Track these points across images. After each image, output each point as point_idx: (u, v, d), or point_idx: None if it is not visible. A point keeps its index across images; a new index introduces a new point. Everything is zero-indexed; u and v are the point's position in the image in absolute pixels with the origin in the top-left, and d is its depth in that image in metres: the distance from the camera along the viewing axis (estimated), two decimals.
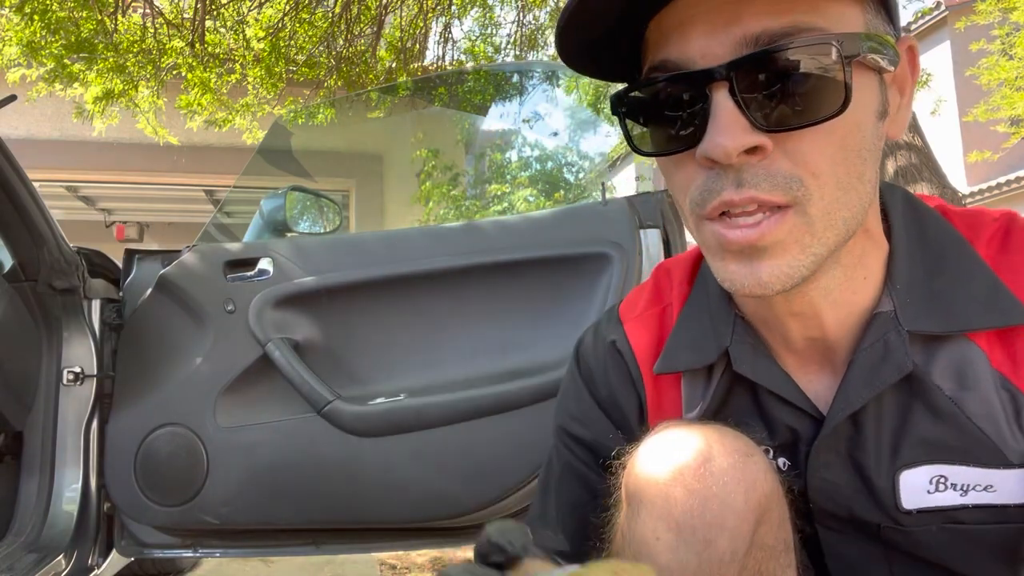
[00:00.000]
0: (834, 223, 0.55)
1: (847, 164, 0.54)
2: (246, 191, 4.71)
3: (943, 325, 0.59)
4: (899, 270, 0.62)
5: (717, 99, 0.52)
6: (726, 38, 0.52)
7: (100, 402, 1.67)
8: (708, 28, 0.53)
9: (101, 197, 7.59)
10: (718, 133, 0.52)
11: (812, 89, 0.51)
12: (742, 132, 0.52)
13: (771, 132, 0.52)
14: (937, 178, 3.79)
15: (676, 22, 0.55)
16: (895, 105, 0.59)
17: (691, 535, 0.57)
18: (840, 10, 0.53)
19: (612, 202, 1.63)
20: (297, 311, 1.62)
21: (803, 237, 0.54)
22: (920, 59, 0.63)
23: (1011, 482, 0.58)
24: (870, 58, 0.53)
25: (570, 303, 1.56)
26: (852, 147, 0.54)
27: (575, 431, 0.77)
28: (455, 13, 5.24)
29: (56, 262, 1.65)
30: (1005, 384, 0.58)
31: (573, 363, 0.81)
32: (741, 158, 0.52)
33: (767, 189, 0.53)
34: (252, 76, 4.88)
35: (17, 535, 1.58)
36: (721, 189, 0.54)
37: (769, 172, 0.53)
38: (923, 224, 0.65)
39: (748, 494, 0.57)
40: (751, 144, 0.52)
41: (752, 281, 0.56)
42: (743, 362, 0.66)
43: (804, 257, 0.55)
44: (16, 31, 4.19)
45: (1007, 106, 5.91)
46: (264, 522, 1.58)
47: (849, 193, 0.55)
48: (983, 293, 0.60)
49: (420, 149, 5.10)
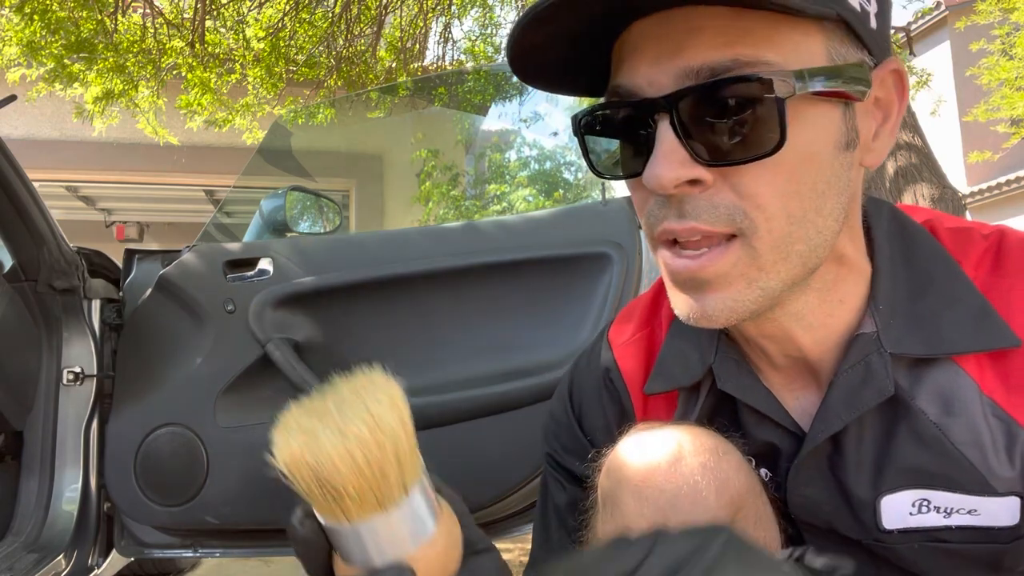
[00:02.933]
0: (786, 257, 0.54)
1: (799, 198, 0.53)
2: (246, 191, 4.72)
3: (927, 348, 0.58)
4: (882, 291, 0.60)
5: (660, 129, 0.52)
6: (670, 68, 0.52)
7: (100, 402, 1.67)
8: (654, 57, 0.53)
9: (101, 197, 7.60)
10: (656, 164, 0.52)
11: (751, 125, 0.51)
12: (679, 164, 0.51)
13: (711, 166, 0.52)
14: (937, 178, 3.79)
15: (631, 48, 0.55)
16: (869, 132, 0.57)
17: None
18: (796, 40, 0.51)
19: (612, 202, 1.63)
20: (297, 311, 1.62)
21: (748, 271, 0.54)
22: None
23: (996, 508, 0.57)
24: (829, 89, 0.51)
25: (570, 303, 1.56)
26: (804, 181, 0.53)
27: (567, 464, 0.77)
28: (455, 13, 5.24)
29: (56, 262, 1.65)
30: (996, 412, 0.57)
31: (565, 395, 0.80)
32: (681, 189, 0.52)
33: (708, 220, 0.52)
34: (252, 76, 4.88)
35: (17, 535, 1.58)
36: (664, 217, 0.54)
37: (712, 203, 0.52)
38: (909, 242, 0.63)
39: (720, 491, 0.57)
40: (688, 177, 0.52)
41: (698, 312, 0.55)
42: (727, 379, 0.65)
43: (750, 291, 0.54)
44: (16, 31, 4.19)
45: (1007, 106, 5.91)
46: (264, 522, 1.58)
47: (804, 227, 0.53)
48: (970, 315, 0.58)
49: (420, 149, 5.10)
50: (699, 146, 0.52)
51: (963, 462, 0.57)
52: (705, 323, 0.56)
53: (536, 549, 0.81)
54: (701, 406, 0.68)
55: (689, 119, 0.52)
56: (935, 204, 3.60)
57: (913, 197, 3.69)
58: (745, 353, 0.66)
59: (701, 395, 0.68)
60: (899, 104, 0.59)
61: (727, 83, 0.50)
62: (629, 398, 0.74)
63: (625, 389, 0.74)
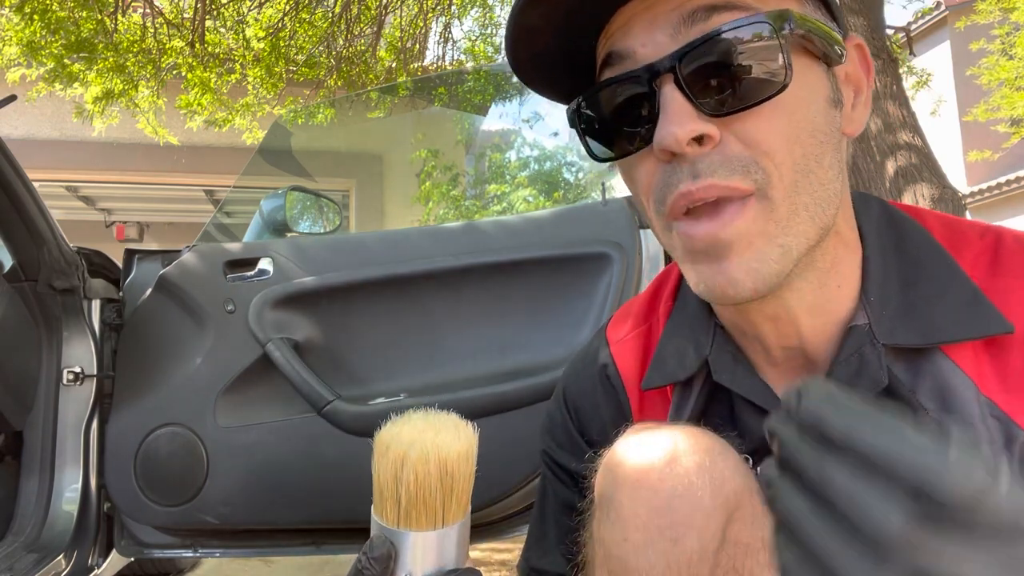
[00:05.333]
0: (796, 209, 0.55)
1: (801, 143, 0.54)
2: (246, 191, 4.71)
3: (920, 338, 0.58)
4: (873, 281, 0.61)
5: (665, 92, 0.53)
6: (665, 22, 0.54)
7: (100, 402, 1.67)
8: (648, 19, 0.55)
9: (101, 197, 7.60)
10: (668, 122, 0.53)
11: (754, 69, 0.52)
12: (690, 119, 0.52)
13: (720, 116, 0.53)
14: (937, 178, 3.78)
15: (618, 25, 0.57)
16: (849, 101, 0.60)
17: (658, 535, 0.57)
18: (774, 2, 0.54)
19: (612, 202, 1.63)
20: (297, 311, 1.62)
21: (767, 226, 0.54)
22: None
23: None
24: (810, 40, 0.54)
25: (570, 303, 1.56)
26: (803, 125, 0.54)
27: (563, 461, 0.78)
28: (455, 13, 5.24)
29: (56, 262, 1.65)
30: (995, 412, 0.57)
31: (560, 394, 0.81)
32: (693, 148, 0.53)
33: (724, 175, 0.53)
34: (252, 76, 4.88)
35: (17, 535, 1.58)
36: (679, 182, 0.54)
37: (724, 157, 0.53)
38: (899, 232, 0.64)
39: (716, 492, 0.57)
40: (700, 131, 0.52)
41: (722, 281, 0.55)
42: (723, 371, 0.65)
43: (772, 249, 0.54)
44: (16, 31, 4.19)
45: (1007, 106, 5.91)
46: (264, 522, 1.58)
47: (808, 177, 0.55)
48: (962, 303, 0.58)
49: (420, 149, 5.10)
50: (705, 100, 0.53)
51: None
52: (731, 290, 0.55)
53: (530, 546, 0.81)
54: (695, 401, 0.68)
55: (693, 75, 0.53)
56: (935, 204, 3.60)
57: (913, 197, 3.69)
58: (741, 347, 0.67)
59: (694, 390, 0.68)
60: (867, 78, 0.61)
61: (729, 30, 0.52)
62: (626, 395, 0.74)
63: (622, 386, 0.74)
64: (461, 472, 0.60)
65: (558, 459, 0.78)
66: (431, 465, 0.58)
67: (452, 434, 0.62)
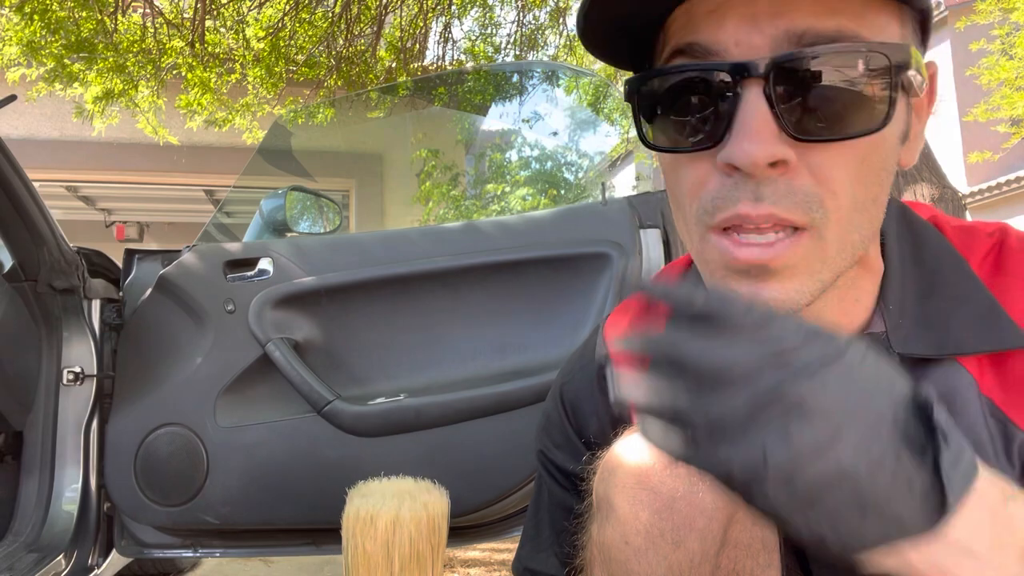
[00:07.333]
0: (845, 248, 0.52)
1: (866, 184, 0.51)
2: (246, 191, 4.71)
3: (935, 348, 0.57)
4: (891, 291, 0.60)
5: (749, 98, 0.48)
6: (768, 29, 0.48)
7: (100, 402, 1.67)
8: (747, 16, 0.48)
9: (101, 197, 7.59)
10: (747, 138, 0.47)
11: (853, 100, 0.48)
12: (772, 141, 0.47)
13: (801, 142, 0.48)
14: (937, 178, 3.79)
15: (708, 9, 0.50)
16: (914, 131, 0.56)
17: (659, 538, 0.56)
18: (882, 23, 0.49)
19: (612, 202, 1.63)
20: (297, 311, 1.62)
21: (814, 263, 0.51)
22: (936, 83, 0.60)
23: None
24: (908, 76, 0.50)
25: (570, 303, 1.56)
26: (873, 167, 0.51)
27: (558, 460, 0.77)
28: (455, 13, 5.24)
29: (56, 262, 1.65)
30: (994, 412, 0.57)
31: (557, 393, 0.80)
32: (765, 170, 0.48)
33: (787, 207, 0.49)
34: (252, 76, 4.88)
35: (17, 535, 1.58)
36: (737, 200, 0.49)
37: (791, 188, 0.49)
38: (918, 241, 0.63)
39: (717, 493, 0.56)
40: (780, 156, 0.48)
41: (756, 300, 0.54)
42: None
43: (812, 284, 0.52)
44: (16, 31, 4.19)
45: (1007, 106, 5.91)
46: (264, 522, 1.58)
47: (863, 215, 0.52)
48: (979, 315, 0.58)
49: (420, 149, 5.10)
50: (791, 120, 0.48)
51: None
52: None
53: (524, 546, 0.80)
54: None
55: (785, 89, 0.48)
56: (935, 204, 3.60)
57: (913, 197, 3.69)
58: None
59: None
60: (929, 106, 0.58)
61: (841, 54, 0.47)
62: None
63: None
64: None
65: (554, 459, 0.77)
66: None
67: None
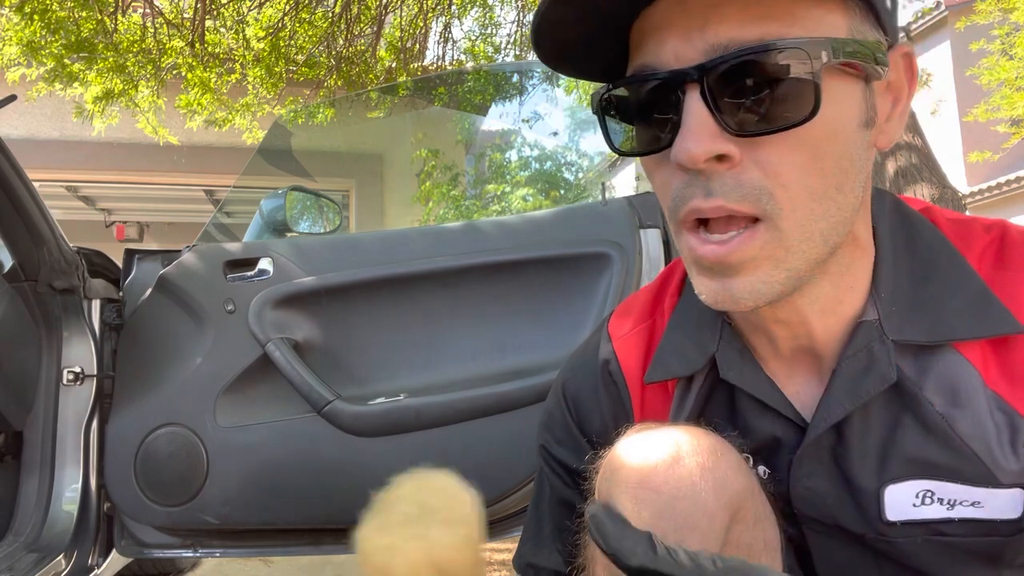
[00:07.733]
0: (810, 235, 0.54)
1: (821, 175, 0.53)
2: (246, 191, 4.71)
3: (928, 334, 0.58)
4: (884, 278, 0.61)
5: (688, 102, 0.52)
6: (699, 43, 0.51)
7: (100, 402, 1.67)
8: (682, 32, 0.52)
9: (101, 197, 7.59)
10: (687, 138, 0.51)
11: (782, 95, 0.51)
12: (710, 138, 0.51)
13: (740, 137, 0.51)
14: (937, 178, 3.79)
15: (653, 26, 0.54)
16: (884, 114, 0.58)
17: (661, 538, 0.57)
18: (819, 16, 0.52)
19: (612, 202, 1.63)
20: (297, 311, 1.62)
21: (775, 252, 0.54)
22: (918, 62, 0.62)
23: (1000, 500, 0.57)
24: (853, 64, 0.52)
25: (570, 303, 1.56)
26: (827, 156, 0.53)
27: (560, 456, 0.77)
28: (455, 13, 5.24)
29: (56, 262, 1.65)
30: (1001, 405, 0.57)
31: (559, 389, 0.80)
32: (710, 165, 0.52)
33: (736, 199, 0.52)
34: (252, 76, 4.88)
35: (17, 535, 1.58)
36: (691, 196, 0.54)
37: (738, 181, 0.52)
38: (911, 231, 0.64)
39: (719, 493, 0.57)
40: (718, 151, 0.51)
41: (725, 297, 0.55)
42: (730, 368, 0.65)
43: (778, 273, 0.54)
44: (16, 31, 4.19)
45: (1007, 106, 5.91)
46: (264, 522, 1.58)
47: (825, 204, 0.54)
48: (971, 302, 0.58)
49: (420, 149, 5.10)
50: (729, 119, 0.51)
51: (968, 454, 0.57)
52: (732, 306, 0.56)
53: (525, 542, 0.81)
54: (696, 397, 0.67)
55: (719, 91, 0.51)
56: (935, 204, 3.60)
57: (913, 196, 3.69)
58: (748, 343, 0.66)
59: (695, 387, 0.68)
60: (909, 87, 0.59)
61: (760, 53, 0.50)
62: (627, 390, 0.74)
63: (623, 381, 0.74)
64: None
65: (556, 455, 0.78)
66: None
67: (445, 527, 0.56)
